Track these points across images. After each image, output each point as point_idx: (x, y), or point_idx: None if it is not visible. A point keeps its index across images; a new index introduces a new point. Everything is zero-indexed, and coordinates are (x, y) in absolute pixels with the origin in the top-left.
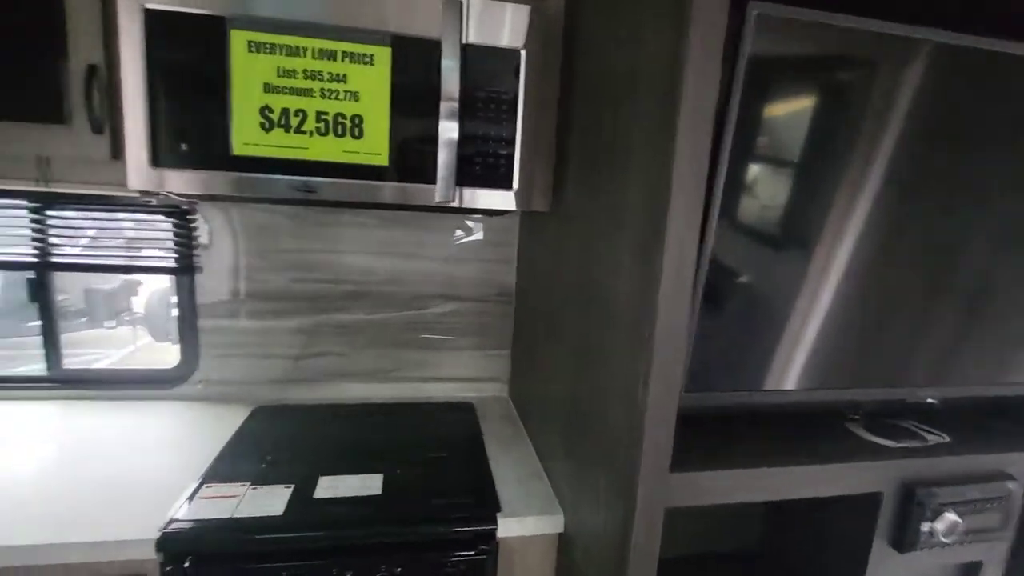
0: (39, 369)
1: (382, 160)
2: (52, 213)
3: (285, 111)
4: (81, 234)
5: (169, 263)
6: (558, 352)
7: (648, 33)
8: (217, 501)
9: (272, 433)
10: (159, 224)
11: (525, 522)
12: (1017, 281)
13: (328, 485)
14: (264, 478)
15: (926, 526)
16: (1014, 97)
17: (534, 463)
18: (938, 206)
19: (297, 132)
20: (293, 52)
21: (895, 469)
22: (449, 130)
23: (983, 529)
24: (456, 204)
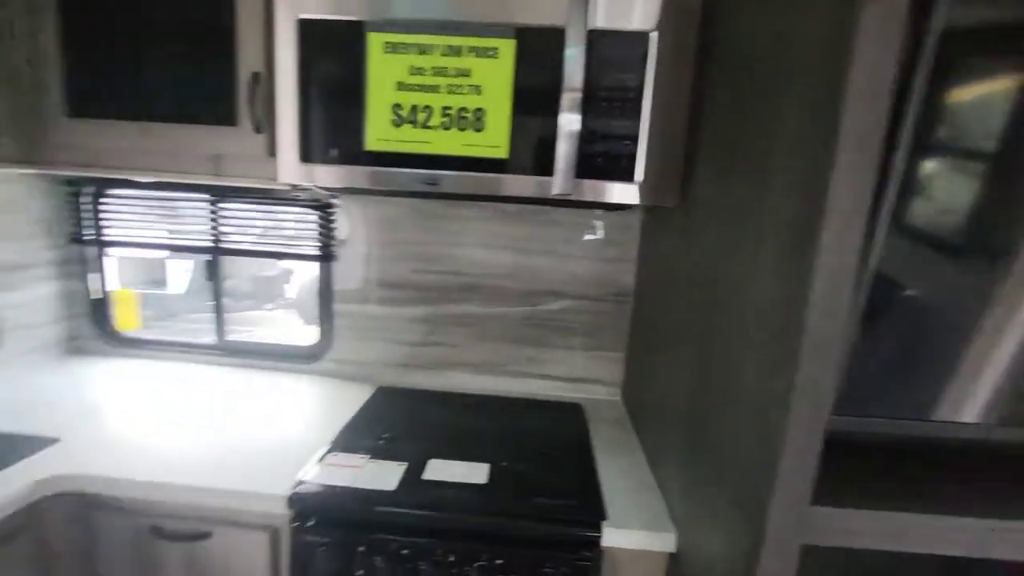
0: (210, 339)
1: (502, 153)
2: (224, 205)
3: (414, 107)
4: (246, 224)
5: (313, 251)
6: (679, 358)
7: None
8: (341, 469)
9: (390, 412)
10: (306, 216)
11: (632, 535)
12: None
13: (437, 468)
14: (381, 453)
15: None
16: None
17: (645, 473)
18: None
19: (423, 127)
20: (423, 50)
21: None
22: (570, 120)
23: None
24: (576, 197)
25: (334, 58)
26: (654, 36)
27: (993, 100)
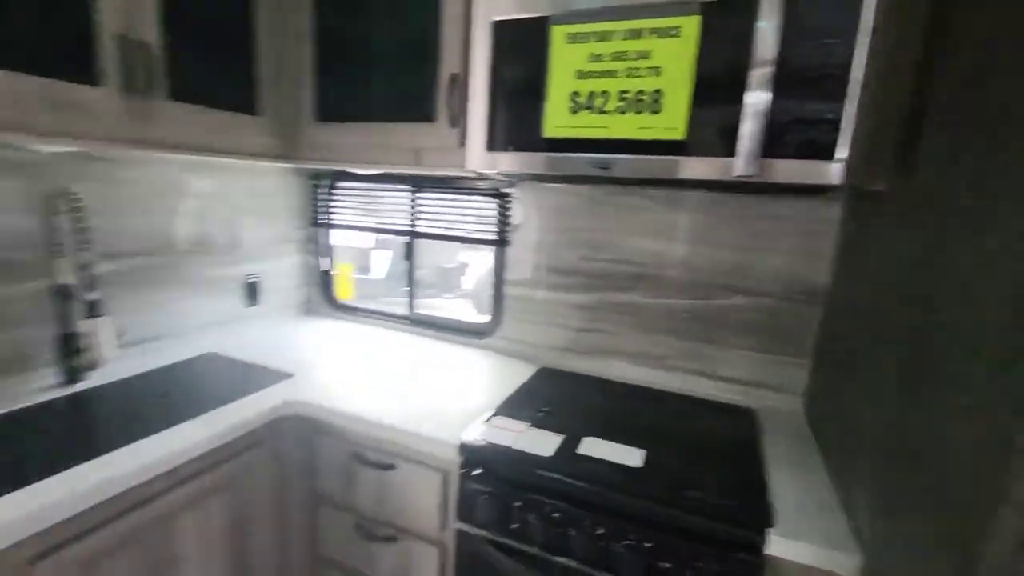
0: (403, 311)
1: (679, 134)
2: (420, 194)
3: (591, 94)
4: (437, 212)
5: (490, 237)
6: (883, 366)
7: None
8: (504, 431)
9: (550, 390)
10: (486, 205)
11: (806, 549)
12: None
13: (592, 445)
14: (540, 423)
15: None
16: None
17: (825, 490)
18: None
19: (600, 112)
20: (603, 37)
21: None
22: (759, 96)
23: None
24: (761, 179)
25: (520, 53)
26: None
27: None
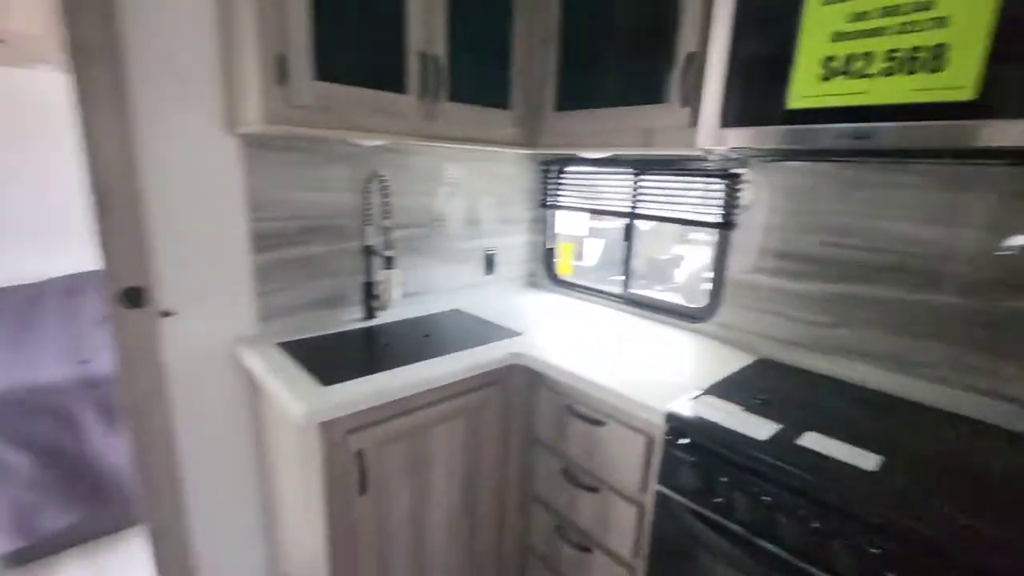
0: (618, 290)
1: (965, 94)
2: (642, 177)
3: (849, 57)
4: (659, 194)
5: (714, 219)
6: None
7: None
8: (712, 409)
9: (769, 382)
10: (712, 186)
11: None
12: None
13: (814, 440)
14: (753, 409)
15: None
16: None
17: None
18: None
19: (859, 77)
20: None
21: None
22: None
23: None
24: None
25: (766, 22)
26: None
27: None
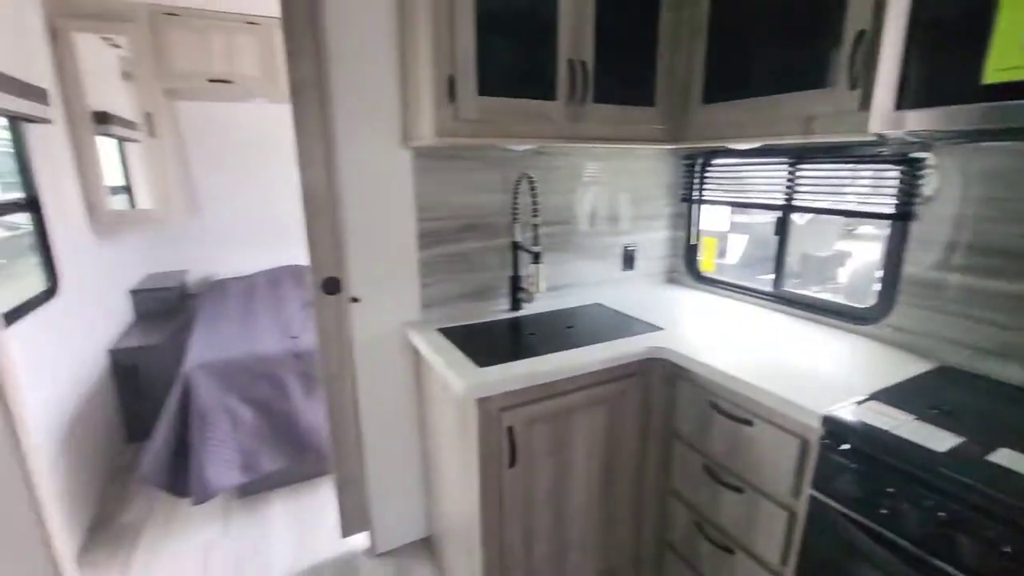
0: (767, 287)
1: None
2: (801, 165)
3: None
4: (819, 184)
5: (888, 210)
6: None
7: None
8: (878, 415)
9: (949, 391)
10: (885, 173)
11: None
12: None
13: (1012, 458)
14: (929, 419)
15: None
16: None
17: None
18: None
19: None
20: None
21: None
22: None
23: None
24: None
25: None
26: None
27: None
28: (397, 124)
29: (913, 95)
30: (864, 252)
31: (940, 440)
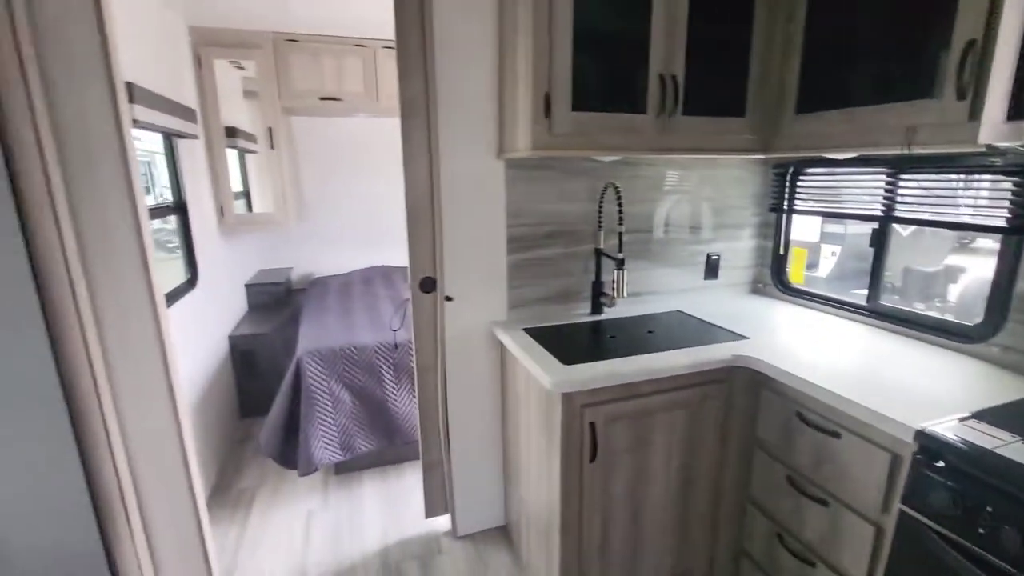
0: (861, 300)
1: None
2: (903, 176)
3: None
4: (922, 194)
5: (999, 223)
6: None
7: None
8: (980, 434)
9: None
10: (998, 184)
11: None
12: None
13: None
14: None
15: None
16: None
17: None
18: None
19: None
20: None
21: None
22: None
23: None
24: None
25: None
26: None
27: None
28: (493, 137)
29: None
30: (980, 267)
31: None
